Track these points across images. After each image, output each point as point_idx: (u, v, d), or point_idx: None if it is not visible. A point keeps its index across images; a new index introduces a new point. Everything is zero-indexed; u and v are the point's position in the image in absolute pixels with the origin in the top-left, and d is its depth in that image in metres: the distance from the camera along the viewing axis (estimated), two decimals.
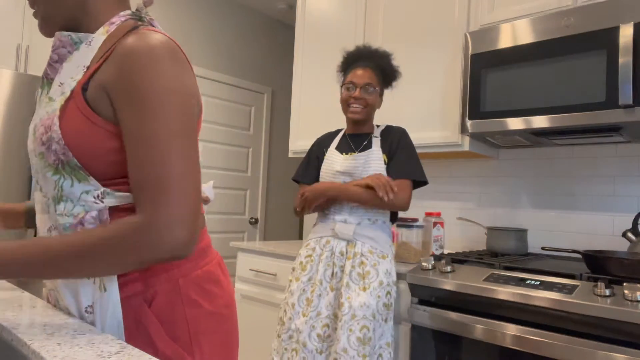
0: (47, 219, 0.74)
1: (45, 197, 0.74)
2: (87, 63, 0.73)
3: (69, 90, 0.71)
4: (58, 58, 0.76)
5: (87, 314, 0.72)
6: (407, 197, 1.63)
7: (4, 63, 2.91)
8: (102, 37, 0.75)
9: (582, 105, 1.58)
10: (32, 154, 0.75)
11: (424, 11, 2.19)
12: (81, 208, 0.71)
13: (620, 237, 1.86)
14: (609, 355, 1.23)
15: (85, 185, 0.70)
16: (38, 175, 0.75)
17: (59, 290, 0.75)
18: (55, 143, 0.69)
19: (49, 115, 0.71)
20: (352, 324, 1.53)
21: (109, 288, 0.71)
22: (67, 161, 0.69)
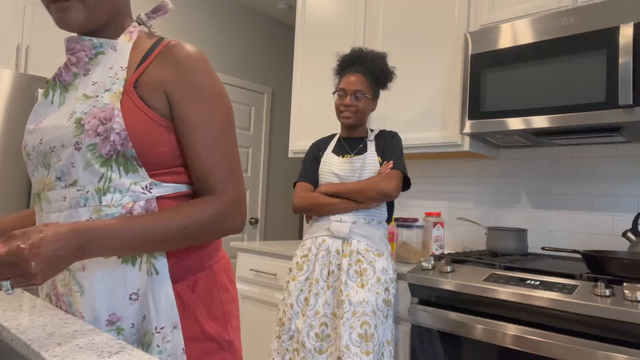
0: (84, 212, 0.74)
1: (81, 191, 0.74)
2: (123, 64, 0.78)
3: (119, 86, 0.75)
4: (76, 61, 0.79)
5: (131, 301, 0.74)
6: (395, 185, 1.65)
7: (4, 63, 2.91)
8: (128, 44, 0.81)
9: (582, 105, 1.58)
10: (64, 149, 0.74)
11: (424, 11, 2.19)
12: (130, 198, 0.74)
13: (620, 237, 1.86)
14: (609, 355, 1.23)
15: (134, 176, 0.75)
16: (73, 169, 0.74)
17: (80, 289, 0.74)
18: (115, 134, 0.72)
19: (102, 108, 0.73)
20: (353, 320, 1.53)
21: (161, 271, 0.75)
22: (123, 152, 0.73)
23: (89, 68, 0.80)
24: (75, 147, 0.73)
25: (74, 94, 0.79)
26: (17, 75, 2.64)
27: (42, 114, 0.81)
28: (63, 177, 0.75)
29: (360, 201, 1.67)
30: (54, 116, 0.78)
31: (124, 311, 0.74)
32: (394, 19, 2.30)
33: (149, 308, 0.75)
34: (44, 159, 0.77)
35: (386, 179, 1.65)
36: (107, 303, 0.74)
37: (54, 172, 0.76)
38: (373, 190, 1.64)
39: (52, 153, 0.76)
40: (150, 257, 0.76)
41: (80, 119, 0.74)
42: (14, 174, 2.62)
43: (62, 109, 0.78)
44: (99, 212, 0.73)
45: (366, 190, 1.65)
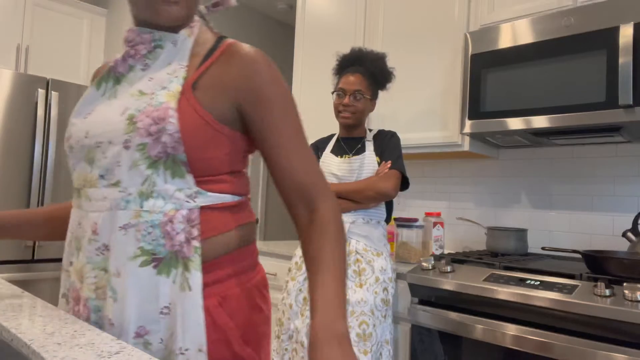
0: (123, 216, 0.69)
1: (123, 192, 0.70)
2: (183, 62, 0.75)
3: (177, 85, 0.72)
4: (134, 53, 0.76)
5: (162, 315, 0.70)
6: (393, 184, 1.65)
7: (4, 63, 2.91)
8: (188, 39, 0.77)
9: (582, 105, 1.58)
10: (111, 145, 0.70)
11: (423, 11, 2.19)
12: (172, 206, 0.70)
13: (620, 237, 1.86)
14: (609, 355, 1.23)
15: (180, 182, 0.71)
16: (117, 168, 0.70)
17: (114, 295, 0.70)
18: (167, 135, 0.68)
19: (156, 107, 0.69)
20: (351, 320, 1.54)
21: (194, 287, 0.70)
22: (173, 155, 0.69)
23: (147, 62, 0.75)
24: (124, 145, 0.69)
25: (128, 89, 0.74)
26: (17, 75, 2.64)
27: (91, 106, 0.76)
28: (106, 176, 0.71)
29: (358, 201, 1.68)
30: (104, 109, 0.74)
31: (153, 325, 0.70)
32: (394, 19, 2.30)
33: (177, 325, 0.70)
34: (88, 154, 0.73)
35: (384, 178, 1.65)
36: (137, 314, 0.69)
37: (97, 170, 0.72)
38: (371, 190, 1.64)
39: (97, 149, 0.72)
40: (186, 271, 0.71)
41: (133, 116, 0.70)
42: (14, 174, 2.62)
43: (114, 102, 0.74)
44: (138, 217, 0.69)
45: (364, 190, 1.65)
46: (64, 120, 2.82)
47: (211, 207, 0.74)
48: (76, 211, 0.76)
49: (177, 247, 0.70)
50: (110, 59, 0.85)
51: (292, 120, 0.77)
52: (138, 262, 0.69)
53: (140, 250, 0.69)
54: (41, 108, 2.71)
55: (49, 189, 2.74)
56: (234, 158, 0.77)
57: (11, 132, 2.61)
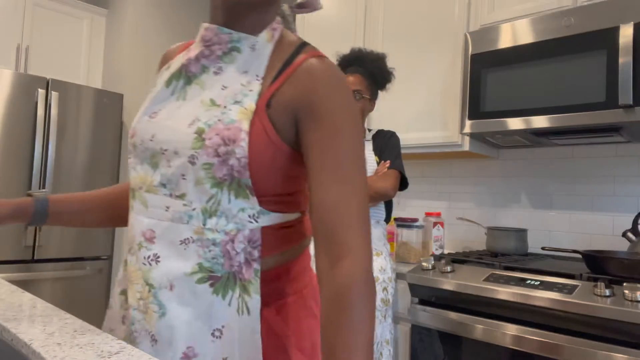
0: (185, 230, 0.67)
1: (187, 207, 0.67)
2: (260, 73, 0.69)
3: (251, 103, 0.67)
4: (209, 54, 0.71)
5: (212, 337, 0.66)
6: (392, 184, 1.65)
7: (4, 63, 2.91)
8: (268, 45, 0.71)
9: (582, 105, 1.58)
10: (176, 156, 0.67)
11: (424, 11, 2.19)
12: (234, 226, 0.67)
13: (620, 237, 1.86)
14: (609, 355, 1.23)
15: (243, 203, 0.67)
16: (182, 181, 0.67)
17: (160, 309, 0.66)
18: (235, 159, 0.64)
19: (227, 125, 0.65)
20: None
21: (253, 311, 0.67)
22: (239, 179, 0.65)
23: (220, 66, 0.70)
24: (190, 160, 0.65)
25: (199, 93, 0.70)
26: (17, 75, 2.64)
27: (159, 106, 0.72)
28: (169, 186, 0.68)
29: None
30: (172, 113, 0.70)
31: (203, 347, 0.66)
32: (394, 19, 2.30)
33: (233, 351, 0.66)
34: (152, 157, 0.69)
35: (383, 178, 1.65)
36: (187, 333, 0.66)
37: (160, 177, 0.68)
38: (370, 190, 1.64)
39: (162, 155, 0.68)
40: (244, 293, 0.67)
41: (203, 132, 0.65)
42: (14, 174, 2.62)
43: (182, 107, 0.70)
44: (200, 234, 0.66)
45: None
46: (64, 120, 2.82)
47: (272, 227, 0.70)
48: (130, 213, 0.73)
49: (236, 268, 0.67)
50: (181, 44, 0.82)
51: (344, 146, 0.66)
52: (195, 279, 0.66)
53: (198, 267, 0.66)
54: (41, 108, 2.71)
55: (49, 189, 2.74)
56: (296, 178, 0.73)
57: (11, 132, 2.61)
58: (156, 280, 0.67)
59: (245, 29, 0.71)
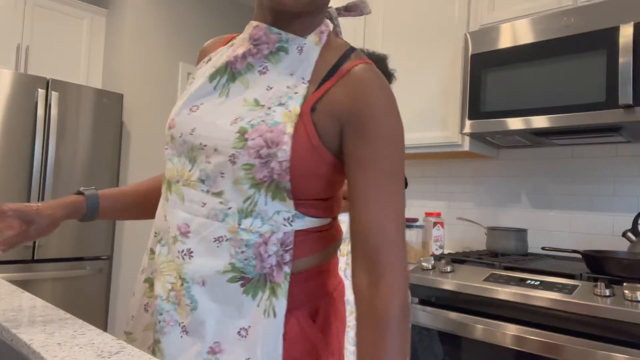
0: (219, 228, 0.67)
1: (223, 205, 0.67)
2: (306, 76, 0.69)
3: (295, 105, 0.66)
4: (256, 52, 0.70)
5: (238, 336, 0.67)
6: None
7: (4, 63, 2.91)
8: (315, 48, 0.71)
9: (582, 105, 1.58)
10: (216, 153, 0.66)
11: (424, 11, 2.19)
12: (269, 227, 0.67)
13: (620, 237, 1.86)
14: (609, 355, 1.23)
15: (280, 205, 0.67)
16: (221, 179, 0.66)
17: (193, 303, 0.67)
18: (276, 162, 0.64)
19: (271, 127, 0.64)
20: (351, 320, 1.53)
21: (279, 314, 0.67)
22: (278, 182, 0.65)
23: (266, 65, 0.70)
24: (230, 159, 0.65)
25: (242, 91, 0.69)
26: (17, 75, 2.64)
27: (201, 100, 0.71)
28: (207, 182, 0.67)
29: None
30: (214, 109, 0.69)
31: (228, 344, 0.67)
32: (394, 19, 2.30)
33: (256, 352, 0.66)
34: (191, 151, 0.69)
35: None
36: (215, 329, 0.67)
37: (198, 172, 0.68)
38: None
39: (201, 150, 0.68)
40: (272, 296, 0.67)
41: (245, 131, 0.65)
42: (14, 174, 2.62)
43: (225, 103, 0.69)
44: (234, 233, 0.66)
45: None
46: (64, 120, 2.82)
47: (305, 231, 0.71)
48: (163, 203, 0.72)
49: (267, 270, 0.67)
50: (220, 37, 0.82)
51: (389, 160, 0.66)
52: (227, 277, 0.67)
53: (230, 266, 0.67)
54: (41, 108, 2.71)
55: (49, 189, 2.74)
56: (333, 184, 0.73)
57: (11, 132, 2.61)
58: (189, 275, 0.67)
59: (293, 30, 0.70)
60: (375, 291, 0.63)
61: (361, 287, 0.65)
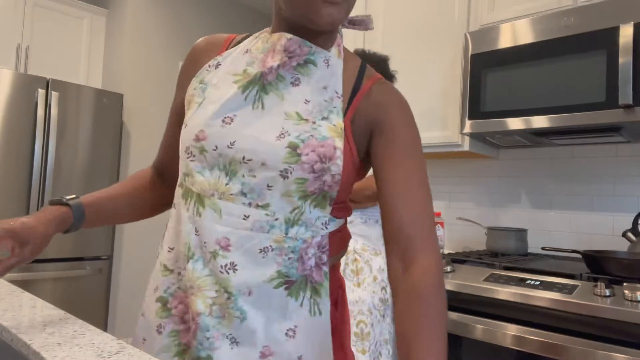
0: (265, 239, 0.67)
1: (269, 216, 0.67)
2: (339, 90, 0.71)
3: (338, 119, 0.69)
4: (287, 64, 0.70)
5: (286, 337, 0.68)
6: None
7: (4, 63, 2.91)
8: (339, 62, 0.74)
9: (582, 105, 1.58)
10: (264, 167, 0.66)
11: (424, 11, 2.19)
12: (310, 233, 0.70)
13: (620, 237, 1.86)
14: (609, 355, 1.23)
15: (320, 212, 0.71)
16: (267, 192, 0.67)
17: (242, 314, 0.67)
18: (329, 175, 0.67)
19: (321, 142, 0.67)
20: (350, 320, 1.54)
21: (324, 312, 0.71)
22: (328, 193, 0.69)
23: (298, 77, 0.71)
24: (282, 174, 0.66)
25: (279, 104, 0.69)
26: (17, 75, 2.64)
27: (235, 111, 0.69)
28: (250, 195, 0.67)
29: (356, 200, 1.68)
30: (254, 122, 0.68)
31: (278, 346, 0.68)
32: (394, 19, 2.30)
33: (307, 350, 0.69)
34: (229, 165, 0.68)
35: None
36: (264, 334, 0.68)
37: (239, 185, 0.67)
38: (369, 190, 1.64)
39: (243, 164, 0.67)
40: (315, 295, 0.71)
41: (297, 146, 0.66)
42: (14, 174, 2.62)
43: (265, 117, 0.69)
44: (280, 242, 0.68)
45: (363, 189, 1.65)
46: (64, 120, 2.82)
47: (334, 232, 0.75)
48: (190, 217, 0.70)
49: (308, 271, 0.70)
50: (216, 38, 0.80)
51: (415, 161, 0.71)
52: (273, 284, 0.68)
53: (277, 274, 0.68)
54: (41, 108, 2.71)
55: (49, 189, 2.74)
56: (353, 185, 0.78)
57: (11, 132, 2.61)
58: (235, 287, 0.67)
59: (318, 44, 0.73)
60: (410, 272, 0.65)
61: (397, 273, 0.68)
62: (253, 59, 0.72)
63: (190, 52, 0.83)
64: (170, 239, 0.73)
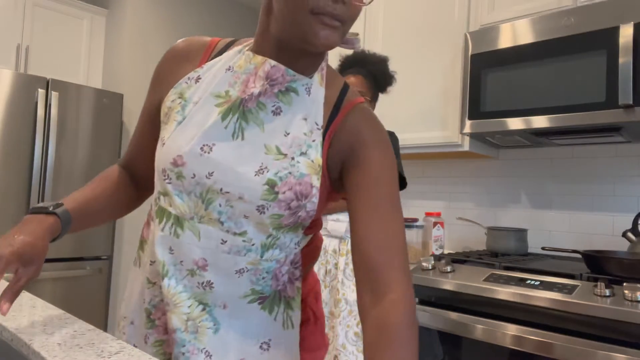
0: (241, 261, 0.70)
1: (246, 242, 0.69)
2: (319, 122, 0.70)
3: (316, 155, 0.69)
4: (268, 91, 0.68)
5: (261, 350, 0.72)
6: None
7: (4, 63, 2.91)
8: (321, 90, 0.72)
9: (582, 105, 1.58)
10: (241, 201, 0.67)
11: (424, 11, 2.19)
12: (284, 253, 0.73)
13: (620, 237, 1.86)
14: (609, 355, 1.23)
15: (293, 235, 0.73)
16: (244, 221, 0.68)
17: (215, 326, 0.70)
18: (304, 212, 0.69)
19: (298, 179, 0.67)
20: (349, 319, 1.54)
21: (295, 324, 0.75)
22: (302, 224, 0.72)
23: (279, 105, 0.69)
24: (259, 209, 0.67)
25: (259, 135, 0.68)
26: (17, 75, 2.64)
27: (214, 140, 0.68)
28: (227, 223, 0.68)
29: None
30: (231, 152, 0.67)
31: (253, 358, 0.72)
32: (394, 19, 2.30)
33: None
34: (205, 193, 0.68)
35: None
36: (238, 347, 0.71)
37: (217, 214, 0.68)
38: None
39: (221, 195, 0.67)
40: (288, 309, 0.75)
41: (275, 184, 0.66)
42: (14, 174, 2.62)
43: (243, 148, 0.68)
44: (256, 264, 0.70)
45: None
46: (64, 120, 2.82)
47: (306, 247, 0.78)
48: (165, 237, 0.70)
49: (281, 287, 0.74)
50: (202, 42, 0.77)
51: (387, 191, 0.69)
52: (247, 300, 0.72)
53: (251, 291, 0.72)
54: (41, 108, 2.71)
55: (49, 189, 2.74)
56: None
57: (11, 132, 2.61)
58: (211, 300, 0.71)
59: (300, 66, 0.70)
60: (379, 305, 0.63)
61: (366, 304, 0.65)
62: (235, 79, 0.70)
63: (168, 53, 0.79)
64: (150, 252, 0.74)
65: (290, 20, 0.64)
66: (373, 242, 0.66)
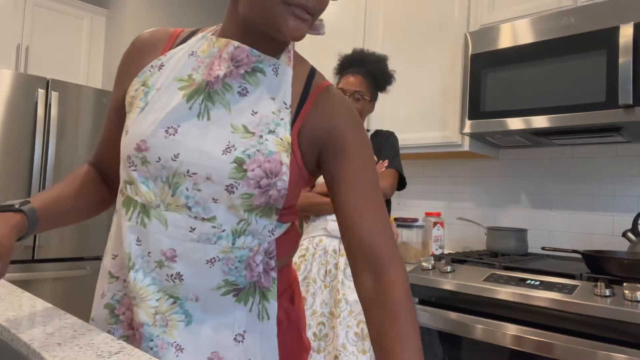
0: (211, 250, 0.67)
1: (216, 229, 0.67)
2: (288, 101, 0.70)
3: (285, 133, 0.68)
4: (234, 72, 0.68)
5: (235, 342, 0.70)
6: (390, 183, 1.68)
7: (4, 63, 2.91)
8: (288, 70, 0.72)
9: (582, 105, 1.58)
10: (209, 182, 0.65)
11: (424, 11, 2.19)
12: (257, 241, 0.71)
13: (620, 237, 1.86)
14: (609, 355, 1.23)
15: (267, 221, 0.71)
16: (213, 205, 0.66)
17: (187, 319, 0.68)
18: (275, 191, 0.67)
19: (267, 157, 0.66)
20: (350, 320, 1.54)
21: (271, 316, 0.73)
22: (274, 205, 0.69)
23: (245, 86, 0.69)
24: (227, 189, 0.65)
25: (225, 116, 0.67)
26: (17, 75, 2.64)
27: (179, 122, 0.67)
28: (195, 209, 0.66)
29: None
30: (199, 135, 0.66)
31: (227, 352, 0.69)
32: (394, 19, 2.30)
33: (255, 352, 0.71)
34: (172, 177, 0.66)
35: (381, 177, 1.65)
36: (212, 339, 0.69)
37: (184, 199, 0.66)
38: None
39: (187, 177, 0.66)
40: (263, 300, 0.72)
41: (243, 162, 0.65)
42: (14, 174, 2.62)
43: (209, 128, 0.67)
44: (227, 252, 0.68)
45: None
46: (64, 120, 2.82)
47: (282, 236, 0.75)
48: (132, 227, 0.68)
49: (256, 277, 0.71)
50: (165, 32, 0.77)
51: (370, 175, 0.72)
52: (220, 292, 0.69)
53: (224, 282, 0.69)
54: (41, 108, 2.71)
55: None
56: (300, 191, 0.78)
57: (11, 132, 2.61)
58: (182, 294, 0.68)
59: (266, 49, 0.70)
60: (381, 284, 0.67)
61: (367, 285, 0.68)
62: (199, 63, 0.70)
63: (131, 45, 0.78)
64: (113, 245, 0.72)
65: (261, 6, 0.65)
66: (366, 228, 0.69)
